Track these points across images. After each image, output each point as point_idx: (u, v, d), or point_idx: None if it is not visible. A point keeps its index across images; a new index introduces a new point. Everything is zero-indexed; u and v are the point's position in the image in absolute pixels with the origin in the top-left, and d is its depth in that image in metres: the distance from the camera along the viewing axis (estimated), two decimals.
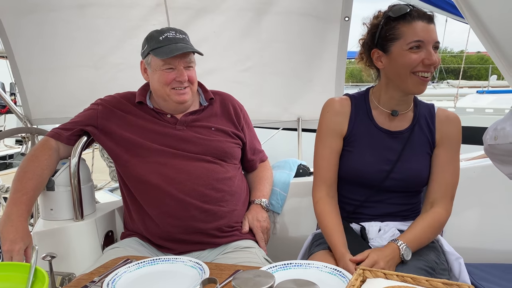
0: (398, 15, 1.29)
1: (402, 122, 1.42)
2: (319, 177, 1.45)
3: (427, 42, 1.26)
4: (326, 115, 1.46)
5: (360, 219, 1.46)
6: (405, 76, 1.30)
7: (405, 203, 1.43)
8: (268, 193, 1.82)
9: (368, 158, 1.40)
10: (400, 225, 1.42)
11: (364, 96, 1.47)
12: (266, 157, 1.95)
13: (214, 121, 1.71)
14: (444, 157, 1.38)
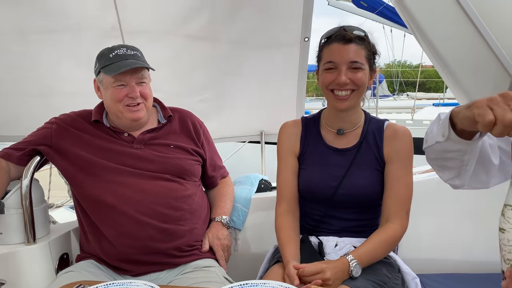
0: (324, 38, 1.40)
1: (350, 139, 1.47)
2: (279, 194, 1.53)
3: (340, 63, 1.33)
4: (281, 137, 1.56)
5: (320, 233, 1.49)
6: (326, 94, 1.40)
7: (360, 218, 1.46)
8: (229, 210, 1.81)
9: (317, 175, 1.46)
10: (357, 242, 1.44)
11: (315, 118, 1.55)
12: (227, 173, 1.95)
13: (173, 139, 1.69)
14: (395, 172, 1.41)
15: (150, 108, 1.65)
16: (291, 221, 1.47)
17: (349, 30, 1.35)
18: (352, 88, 1.35)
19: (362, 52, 1.35)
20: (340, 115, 1.45)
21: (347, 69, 1.33)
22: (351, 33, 1.34)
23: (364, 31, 1.38)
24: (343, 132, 1.47)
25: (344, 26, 1.37)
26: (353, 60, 1.33)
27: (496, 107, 0.79)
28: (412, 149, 1.44)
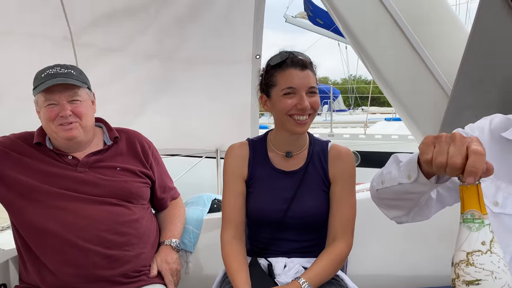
0: (275, 64, 1.39)
1: (297, 161, 1.48)
2: (225, 219, 1.49)
3: (299, 88, 1.35)
4: (227, 160, 1.53)
5: (269, 255, 1.49)
6: (284, 119, 1.39)
7: (307, 239, 1.48)
8: (179, 233, 1.78)
9: (266, 199, 1.46)
10: (305, 262, 1.46)
11: (262, 140, 1.54)
12: (178, 194, 1.92)
13: (120, 161, 1.65)
14: (339, 194, 1.44)
15: (89, 127, 1.60)
16: (240, 248, 1.45)
17: (300, 56, 1.39)
18: (310, 112, 1.38)
19: (314, 78, 1.39)
20: (290, 138, 1.46)
21: (306, 94, 1.36)
22: (305, 59, 1.38)
23: (309, 57, 1.42)
24: (292, 155, 1.48)
25: (292, 52, 1.39)
26: (312, 86, 1.37)
27: (437, 146, 0.79)
28: (355, 170, 1.48)
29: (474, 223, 0.72)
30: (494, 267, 0.70)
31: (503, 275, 0.70)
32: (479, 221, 0.72)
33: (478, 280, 0.70)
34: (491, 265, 0.70)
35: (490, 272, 0.70)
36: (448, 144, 0.78)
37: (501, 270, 0.70)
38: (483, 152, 0.75)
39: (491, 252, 0.70)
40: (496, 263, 0.70)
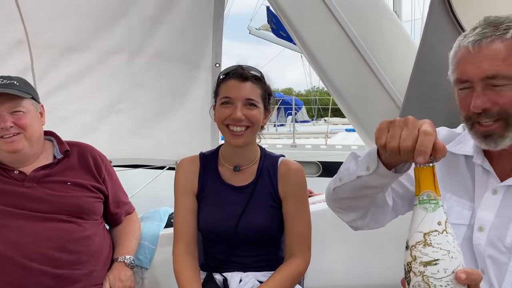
0: (222, 75, 1.42)
1: (246, 176, 1.47)
2: (177, 235, 1.47)
3: (235, 99, 1.36)
4: (177, 175, 1.51)
5: (224, 270, 1.47)
6: (221, 129, 1.41)
7: (262, 253, 1.47)
8: (134, 249, 1.73)
9: (215, 214, 1.44)
10: (261, 276, 1.45)
11: (214, 154, 1.53)
12: (133, 209, 1.87)
13: (71, 175, 1.59)
14: (292, 210, 1.44)
15: (35, 139, 1.53)
16: (191, 263, 1.43)
17: (246, 69, 1.40)
18: (247, 125, 1.37)
19: (257, 91, 1.39)
20: (236, 152, 1.46)
21: (243, 105, 1.36)
22: (248, 72, 1.39)
23: (260, 72, 1.43)
24: (240, 169, 1.47)
25: (242, 65, 1.41)
26: (249, 98, 1.37)
27: (391, 130, 0.81)
28: (306, 185, 1.49)
29: (430, 203, 0.72)
30: (450, 246, 0.70)
31: (458, 255, 0.70)
32: (434, 202, 0.72)
33: (436, 260, 0.69)
34: (447, 244, 0.70)
35: (447, 252, 0.69)
36: (401, 128, 0.80)
37: (456, 250, 0.70)
38: (432, 132, 0.77)
39: (447, 232, 0.71)
40: (451, 242, 0.70)
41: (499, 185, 0.99)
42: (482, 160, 1.03)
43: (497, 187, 1.00)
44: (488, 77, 0.93)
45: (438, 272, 0.69)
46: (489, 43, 0.93)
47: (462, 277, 0.69)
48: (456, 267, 0.69)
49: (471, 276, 0.70)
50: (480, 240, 0.99)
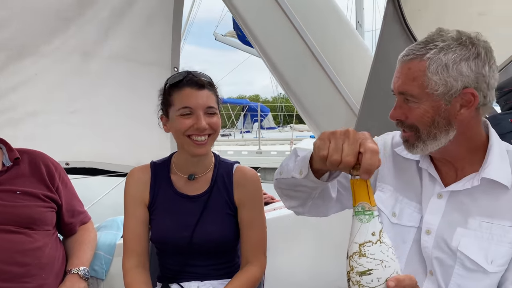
0: (172, 83, 1.38)
1: (201, 185, 1.45)
2: (127, 248, 1.42)
3: (196, 108, 1.33)
4: (127, 186, 1.46)
5: (181, 280, 1.45)
6: (182, 140, 1.37)
7: (218, 262, 1.46)
8: (88, 260, 1.67)
9: (168, 225, 1.41)
10: (218, 284, 1.44)
11: (165, 162, 1.50)
12: (89, 218, 1.81)
13: (21, 184, 1.53)
14: (249, 217, 1.43)
15: None
16: (142, 277, 1.39)
17: (198, 75, 1.37)
18: (210, 133, 1.36)
19: (213, 98, 1.38)
20: (193, 160, 1.43)
21: (204, 114, 1.34)
22: (203, 79, 1.36)
23: (210, 77, 1.41)
24: (195, 177, 1.44)
25: (191, 72, 1.38)
26: (209, 106, 1.35)
27: (333, 142, 0.83)
28: (261, 192, 1.48)
29: (365, 215, 0.75)
30: (384, 256, 0.73)
31: (391, 263, 0.73)
32: (369, 213, 0.75)
33: (370, 270, 0.72)
34: (381, 254, 0.73)
35: (380, 261, 0.72)
36: (343, 141, 0.82)
37: (390, 259, 0.73)
38: (378, 150, 0.80)
39: (381, 242, 0.73)
40: (385, 252, 0.73)
41: (443, 190, 1.03)
42: (428, 165, 1.07)
43: (441, 192, 1.04)
44: (400, 92, 1.00)
45: (372, 281, 0.72)
46: (409, 61, 0.98)
47: (391, 285, 0.73)
48: (389, 275, 0.72)
49: (401, 283, 0.74)
50: (427, 243, 1.02)
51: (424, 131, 0.98)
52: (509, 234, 0.95)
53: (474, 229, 0.98)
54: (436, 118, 0.97)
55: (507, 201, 0.97)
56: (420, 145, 1.00)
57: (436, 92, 0.95)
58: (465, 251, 0.97)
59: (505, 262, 0.95)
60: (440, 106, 0.96)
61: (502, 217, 0.96)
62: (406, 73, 0.97)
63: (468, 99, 0.96)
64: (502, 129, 1.61)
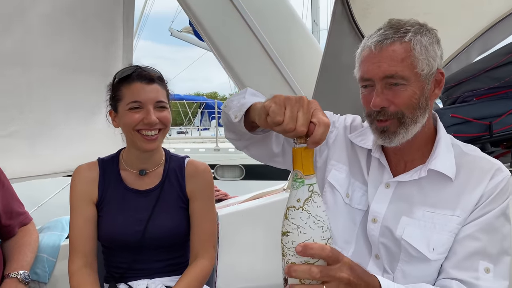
0: (121, 77, 1.35)
1: (152, 179, 1.43)
2: (73, 248, 1.36)
3: (145, 102, 1.31)
4: (74, 184, 1.40)
5: (129, 279, 1.40)
6: (131, 135, 1.34)
7: (169, 258, 1.43)
8: (29, 263, 1.58)
9: (119, 221, 1.37)
10: (168, 281, 1.41)
11: (114, 158, 1.46)
12: (30, 219, 1.72)
13: None
14: (200, 210, 1.42)
15: None
16: (90, 278, 1.34)
17: (147, 70, 1.35)
18: (160, 128, 1.34)
19: (163, 92, 1.36)
20: (143, 156, 1.40)
21: (154, 108, 1.31)
22: (153, 73, 1.34)
23: (159, 72, 1.39)
24: (146, 173, 1.42)
25: (140, 66, 1.35)
26: (159, 100, 1.33)
27: (288, 110, 0.80)
28: (213, 185, 1.48)
29: (296, 181, 0.78)
30: (302, 222, 0.76)
31: (308, 230, 0.75)
32: (300, 181, 0.77)
33: (287, 232, 0.77)
34: (299, 220, 0.76)
35: (297, 226, 0.76)
36: (298, 109, 0.80)
37: (308, 226, 0.75)
38: (329, 124, 0.79)
39: (303, 209, 0.76)
40: (304, 219, 0.76)
41: (391, 180, 1.06)
42: (379, 155, 1.09)
43: (389, 182, 1.06)
44: (386, 76, 0.97)
45: (288, 243, 0.77)
46: (389, 45, 0.98)
47: (298, 249, 0.75)
48: (303, 241, 0.75)
49: (308, 250, 0.75)
50: (373, 232, 1.05)
51: (409, 115, 0.98)
52: (450, 223, 0.98)
53: (418, 219, 1.01)
54: (421, 100, 0.98)
55: (450, 192, 1.01)
56: (402, 132, 1.00)
57: (422, 72, 0.97)
58: (409, 239, 1.00)
59: (446, 250, 0.99)
60: (424, 86, 0.98)
61: (445, 207, 1.00)
62: (391, 56, 0.97)
63: (439, 79, 1.01)
64: (444, 122, 1.66)
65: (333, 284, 0.77)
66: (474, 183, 1.00)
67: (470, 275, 0.94)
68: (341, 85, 1.89)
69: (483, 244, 0.96)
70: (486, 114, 1.74)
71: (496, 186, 0.99)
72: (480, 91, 1.81)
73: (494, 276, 0.94)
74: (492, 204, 0.98)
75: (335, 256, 0.77)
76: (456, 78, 1.95)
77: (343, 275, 0.77)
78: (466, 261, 0.96)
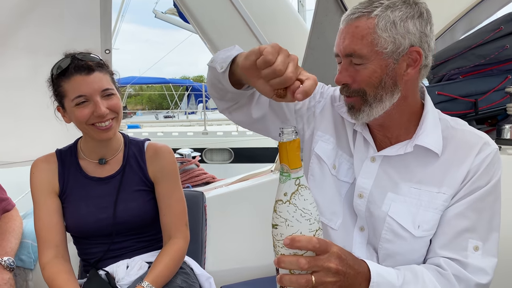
0: (58, 73, 1.27)
1: (112, 166, 1.40)
2: (42, 241, 1.33)
3: (91, 95, 1.26)
4: (33, 177, 1.37)
5: (108, 263, 1.39)
6: (85, 129, 1.31)
7: (144, 237, 1.42)
8: (13, 249, 1.56)
9: (84, 211, 1.35)
10: (148, 257, 1.41)
11: (71, 148, 1.42)
12: (13, 206, 1.69)
13: None
14: (166, 191, 1.40)
15: None
16: (64, 267, 1.30)
17: (85, 58, 1.27)
18: (112, 117, 1.30)
19: (107, 78, 1.30)
20: (101, 144, 1.37)
21: (101, 98, 1.26)
22: (91, 62, 1.27)
23: (98, 56, 1.32)
24: (106, 161, 1.39)
25: (75, 55, 1.28)
26: (104, 88, 1.27)
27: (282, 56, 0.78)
28: (176, 164, 1.45)
29: (283, 175, 0.78)
30: (289, 216, 0.76)
31: (295, 223, 0.76)
32: (286, 175, 0.77)
33: (276, 225, 0.78)
34: (286, 214, 0.77)
35: (285, 220, 0.77)
36: (289, 60, 0.78)
37: (295, 220, 0.76)
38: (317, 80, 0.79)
39: (290, 203, 0.76)
40: (291, 213, 0.76)
41: (376, 154, 1.04)
42: (361, 129, 1.07)
43: (375, 156, 1.04)
44: (347, 54, 0.94)
45: (277, 235, 0.78)
46: (355, 20, 0.94)
47: (286, 242, 0.75)
48: (291, 234, 0.76)
49: (295, 243, 0.75)
50: (360, 207, 1.04)
51: (371, 93, 0.95)
52: (436, 200, 0.97)
53: (404, 195, 0.99)
54: (384, 78, 0.94)
55: (437, 168, 0.99)
56: (366, 110, 0.97)
57: (385, 50, 0.93)
58: (395, 216, 0.99)
59: (431, 227, 0.98)
60: (388, 65, 0.94)
61: (431, 183, 0.98)
62: (353, 32, 0.93)
63: (414, 57, 0.95)
64: None
65: (322, 274, 0.77)
66: (460, 159, 0.98)
67: (459, 253, 0.94)
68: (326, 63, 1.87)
69: (472, 223, 0.95)
70: (471, 91, 1.75)
71: (483, 161, 0.96)
72: (466, 69, 1.81)
73: (482, 254, 0.94)
74: (480, 181, 0.96)
75: (323, 246, 0.77)
76: (442, 56, 1.95)
77: (331, 265, 0.77)
78: (455, 240, 0.95)
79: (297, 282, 0.76)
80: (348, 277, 0.80)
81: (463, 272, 0.92)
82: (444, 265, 0.94)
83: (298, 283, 0.76)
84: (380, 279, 0.85)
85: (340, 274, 0.79)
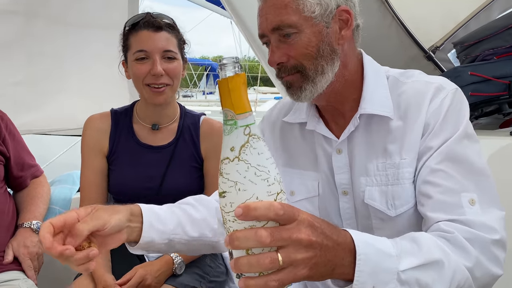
0: (129, 26, 1.29)
1: (165, 135, 1.38)
2: (83, 199, 1.36)
3: (152, 52, 1.25)
4: (86, 133, 1.38)
5: None
6: (140, 88, 1.30)
7: None
8: (42, 214, 1.60)
9: (130, 177, 1.35)
10: None
11: (127, 111, 1.42)
12: (41, 172, 1.72)
13: None
14: (214, 169, 1.37)
15: None
16: None
17: (157, 17, 1.28)
18: (167, 82, 1.28)
19: (174, 41, 1.29)
20: (156, 109, 1.36)
21: (161, 58, 1.26)
22: (161, 20, 1.27)
23: (172, 19, 1.32)
24: (159, 127, 1.37)
25: (151, 13, 1.29)
26: (167, 49, 1.27)
27: None
28: None
29: (227, 125, 0.58)
30: (240, 177, 0.56)
31: (249, 186, 0.56)
32: (231, 123, 0.58)
33: (224, 192, 0.57)
34: (236, 174, 0.56)
35: (234, 183, 0.56)
36: None
37: (248, 181, 0.56)
38: None
39: (239, 159, 0.57)
40: (242, 172, 0.56)
41: (337, 144, 0.95)
42: (315, 125, 0.98)
43: (338, 147, 0.95)
44: (274, 28, 0.87)
45: (226, 206, 0.57)
46: None
47: (238, 212, 0.54)
48: (244, 201, 0.56)
49: (251, 212, 0.54)
50: (347, 204, 0.95)
51: (311, 66, 0.87)
52: (400, 170, 0.87)
53: (374, 175, 0.90)
54: (321, 46, 0.87)
55: (395, 133, 0.89)
56: (308, 86, 0.88)
57: (313, 14, 0.86)
58: (370, 201, 0.90)
59: (405, 202, 0.87)
60: (321, 30, 0.87)
61: (393, 152, 0.89)
62: (275, 4, 0.87)
63: (345, 18, 0.89)
64: (462, 81, 1.63)
65: (290, 249, 0.55)
66: (414, 114, 0.87)
67: (455, 212, 0.79)
68: None
69: (456, 176, 0.81)
70: (506, 73, 1.68)
71: (440, 107, 0.85)
72: (502, 49, 1.74)
73: (482, 206, 0.79)
74: (445, 130, 0.84)
75: (289, 213, 0.56)
76: (476, 36, 1.88)
77: (301, 236, 0.56)
78: (445, 199, 0.81)
79: (259, 264, 0.54)
80: (326, 250, 0.58)
81: (471, 231, 0.75)
82: (446, 228, 0.77)
83: (260, 265, 0.54)
84: (369, 249, 0.62)
85: (315, 247, 0.57)
